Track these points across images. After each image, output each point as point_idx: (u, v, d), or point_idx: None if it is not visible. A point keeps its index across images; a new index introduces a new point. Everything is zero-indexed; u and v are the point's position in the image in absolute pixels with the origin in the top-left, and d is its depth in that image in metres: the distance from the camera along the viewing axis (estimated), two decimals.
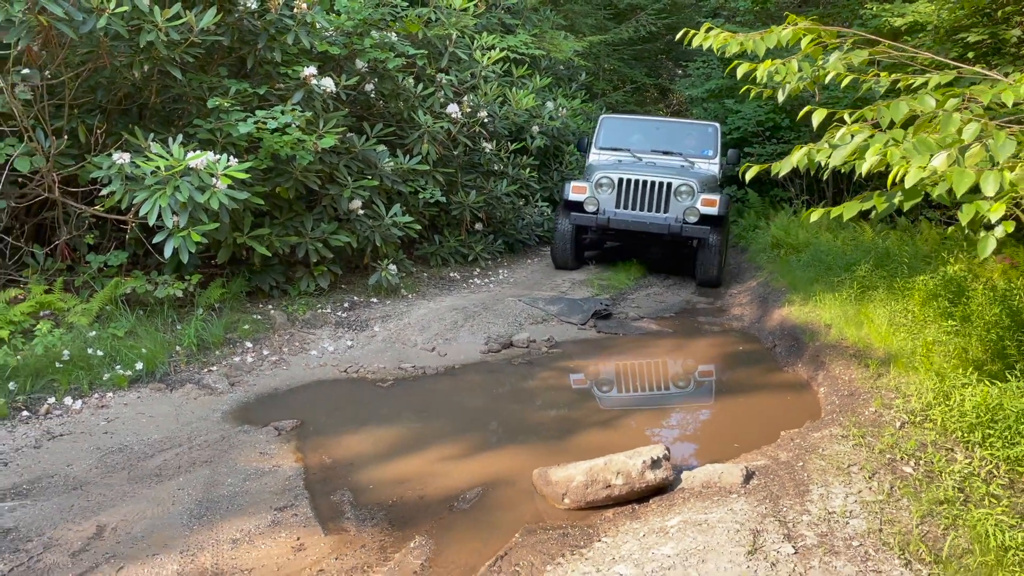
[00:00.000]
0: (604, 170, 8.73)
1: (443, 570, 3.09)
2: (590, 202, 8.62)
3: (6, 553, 3.11)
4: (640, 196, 8.56)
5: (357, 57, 7.13)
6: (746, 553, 2.84)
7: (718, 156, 9.51)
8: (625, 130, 10.00)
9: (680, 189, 8.43)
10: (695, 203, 8.39)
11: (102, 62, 5.36)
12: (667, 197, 8.48)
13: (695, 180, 8.45)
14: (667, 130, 9.95)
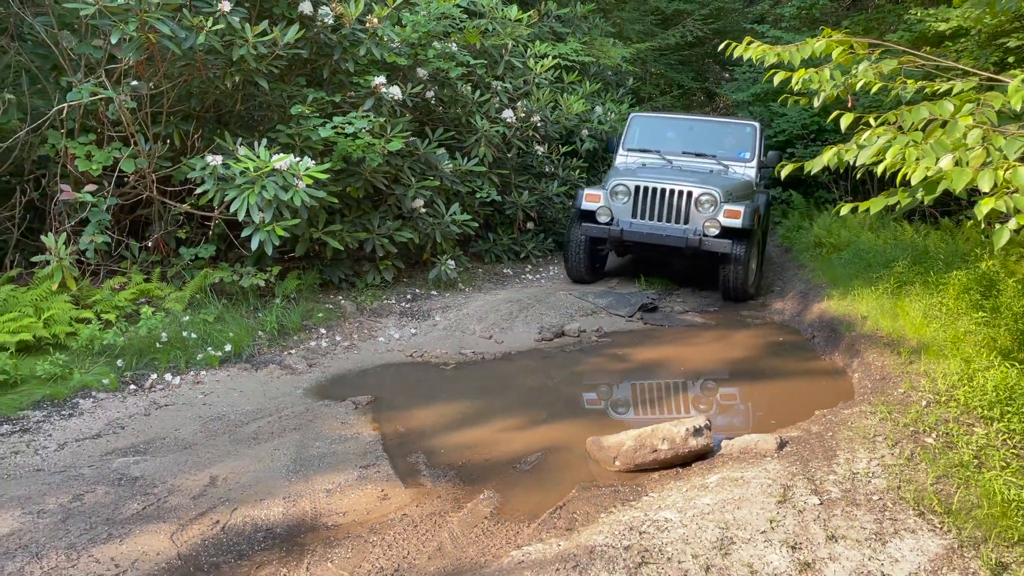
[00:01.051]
0: (620, 177, 8.01)
1: (510, 516, 3.55)
2: (603, 212, 7.89)
3: (138, 496, 3.65)
4: (658, 206, 7.80)
5: (421, 66, 7.66)
6: (776, 502, 3.24)
7: (756, 159, 8.63)
8: (656, 130, 9.22)
9: (701, 199, 7.65)
10: (717, 214, 7.60)
11: (197, 74, 5.97)
12: (687, 207, 7.72)
13: (718, 189, 7.66)
14: (702, 130, 9.06)
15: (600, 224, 7.92)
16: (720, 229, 7.59)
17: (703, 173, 8.28)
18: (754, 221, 7.69)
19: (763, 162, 8.72)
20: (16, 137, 5.73)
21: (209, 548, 3.26)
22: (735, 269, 7.69)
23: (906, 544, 2.94)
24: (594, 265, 8.55)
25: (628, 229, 7.83)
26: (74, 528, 3.33)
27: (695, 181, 7.82)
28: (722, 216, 7.58)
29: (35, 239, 6.02)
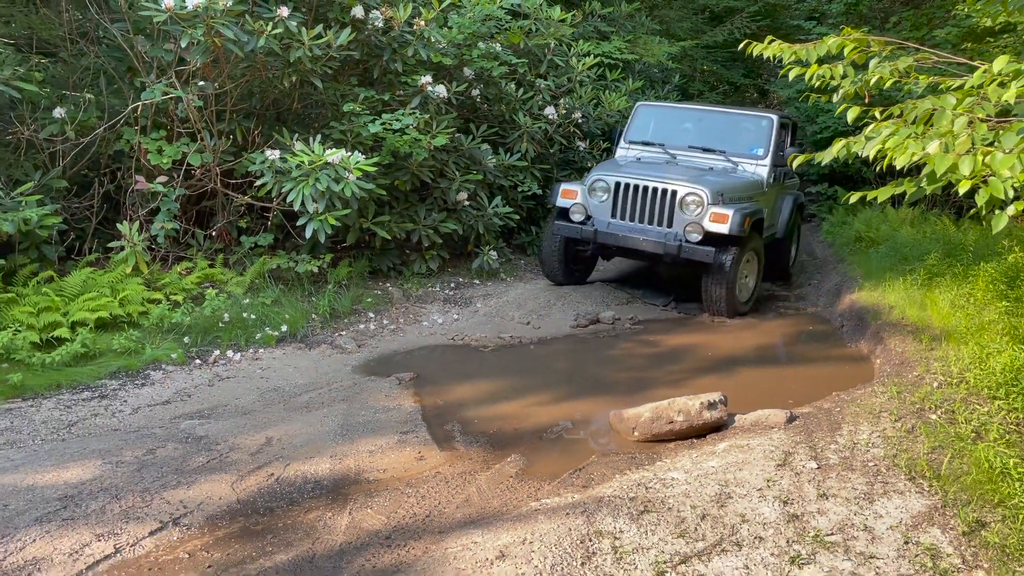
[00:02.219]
0: (601, 171, 7.28)
1: (533, 476, 3.89)
2: (577, 210, 7.13)
3: (202, 451, 4.10)
4: (639, 205, 6.98)
5: (466, 66, 8.04)
6: (776, 466, 3.53)
7: (769, 156, 7.66)
8: (663, 121, 8.35)
9: (686, 199, 6.74)
10: (702, 218, 6.65)
11: (258, 74, 6.45)
12: (671, 208, 6.83)
13: (706, 189, 6.72)
14: (712, 123, 8.16)
15: (573, 223, 7.17)
16: (703, 235, 6.65)
17: (700, 170, 7.36)
18: (746, 226, 6.67)
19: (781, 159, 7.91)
20: (95, 134, 6.27)
21: (264, 495, 3.68)
22: (718, 281, 6.77)
23: (892, 503, 3.19)
24: (571, 267, 7.77)
25: (603, 230, 7.04)
26: (147, 476, 3.78)
27: (684, 179, 6.92)
28: (707, 220, 6.65)
29: (110, 227, 6.56)
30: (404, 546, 3.11)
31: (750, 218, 6.76)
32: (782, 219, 8.42)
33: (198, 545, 3.25)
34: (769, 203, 7.76)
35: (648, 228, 6.98)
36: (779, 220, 8.41)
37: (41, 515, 3.36)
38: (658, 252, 6.87)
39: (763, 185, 7.60)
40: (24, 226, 5.59)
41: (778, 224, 8.40)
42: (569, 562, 2.74)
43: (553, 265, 7.69)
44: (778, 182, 8.05)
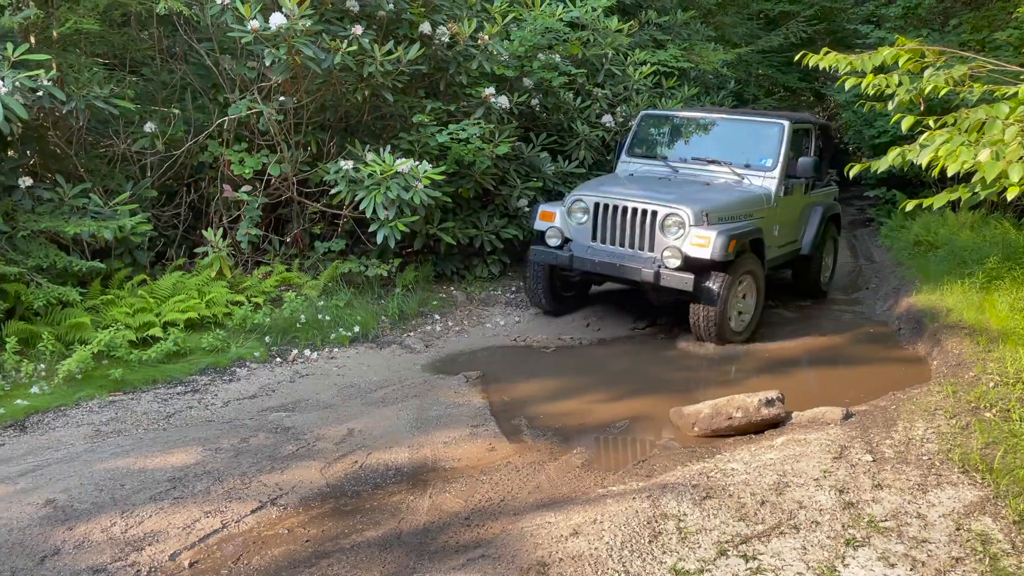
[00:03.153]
0: (582, 190, 6.74)
1: (598, 466, 4.14)
2: (553, 234, 6.59)
3: (291, 441, 4.43)
4: (619, 228, 6.37)
5: (526, 77, 8.32)
6: (832, 458, 3.71)
7: (779, 167, 6.90)
8: (667, 131, 7.82)
9: (667, 220, 6.13)
10: (682, 241, 6.05)
11: (333, 89, 6.83)
12: (651, 230, 6.22)
13: (689, 208, 6.08)
14: (719, 131, 7.53)
15: (549, 248, 6.61)
16: (682, 260, 6.01)
17: (691, 187, 6.75)
18: (731, 250, 5.98)
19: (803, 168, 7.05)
20: (185, 148, 6.72)
21: (351, 480, 3.99)
22: (706, 310, 6.12)
23: (945, 493, 3.35)
24: (558, 294, 7.11)
25: (580, 255, 6.43)
26: (244, 461, 4.13)
27: (667, 198, 6.29)
28: (688, 243, 6.02)
29: (195, 234, 7.00)
30: (482, 525, 3.38)
31: (737, 240, 6.05)
32: (808, 233, 7.74)
33: (295, 523, 3.57)
34: (783, 218, 7.12)
35: (628, 253, 6.34)
36: (804, 234, 7.74)
37: (154, 494, 3.72)
38: (635, 280, 6.25)
39: (769, 200, 6.84)
40: (119, 233, 6.03)
41: (803, 239, 7.73)
42: (637, 540, 2.98)
43: (536, 293, 7.04)
44: (791, 195, 7.20)
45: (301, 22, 5.99)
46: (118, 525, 3.45)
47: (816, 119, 8.01)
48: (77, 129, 6.41)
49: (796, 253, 7.71)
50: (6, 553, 3.20)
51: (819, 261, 8.05)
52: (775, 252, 7.18)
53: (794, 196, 7.31)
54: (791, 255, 7.64)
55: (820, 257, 8.04)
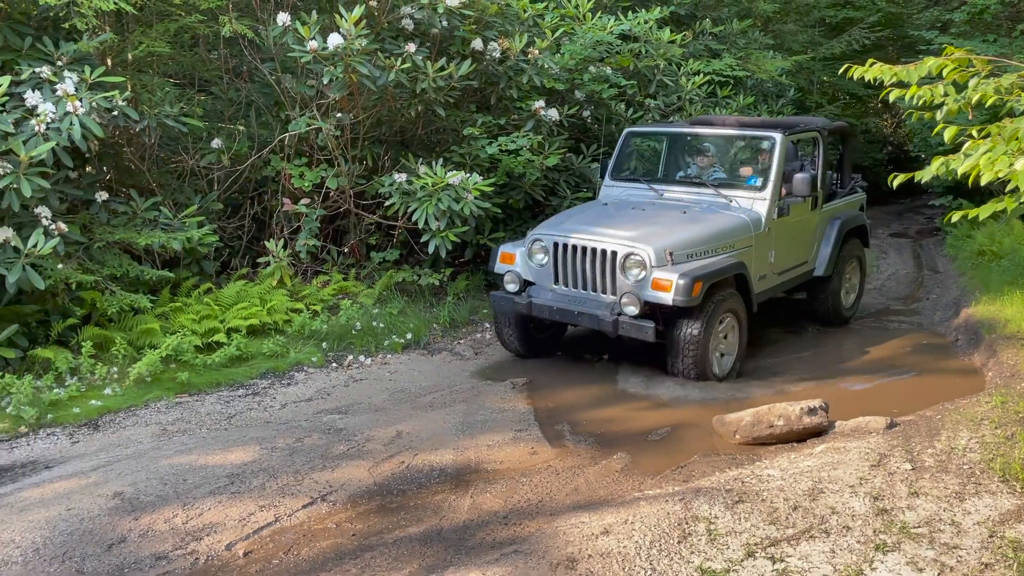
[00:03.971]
0: (543, 228, 6.15)
1: (637, 471, 4.22)
2: (510, 279, 5.96)
3: (343, 441, 4.63)
4: (579, 270, 5.78)
5: (577, 89, 8.45)
6: (870, 466, 3.72)
7: (770, 187, 6.12)
8: (654, 148, 7.30)
9: (627, 262, 5.53)
10: (642, 285, 5.44)
11: (387, 105, 7.08)
12: (612, 272, 5.62)
13: (650, 247, 5.46)
14: (708, 147, 6.87)
15: (508, 294, 5.97)
16: (640, 307, 5.39)
17: (668, 218, 6.03)
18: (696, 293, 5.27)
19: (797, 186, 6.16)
20: (249, 163, 7.06)
21: (397, 479, 4.17)
22: (681, 359, 5.51)
23: (982, 502, 3.35)
24: (530, 336, 6.37)
25: (539, 301, 5.81)
26: (298, 460, 4.34)
27: (630, 235, 5.65)
28: (649, 287, 5.40)
29: (258, 245, 7.32)
30: (519, 524, 3.50)
31: (704, 281, 5.34)
32: (823, 251, 6.91)
33: (343, 518, 3.76)
34: (782, 241, 6.35)
35: (588, 297, 5.76)
36: (818, 253, 6.92)
37: (213, 489, 3.96)
38: (594, 328, 5.69)
39: (759, 225, 6.06)
40: (188, 244, 6.36)
41: (817, 258, 6.91)
42: (666, 540, 3.06)
43: (505, 335, 6.36)
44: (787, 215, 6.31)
45: (357, 41, 6.24)
46: (179, 516, 3.68)
47: (824, 123, 7.13)
48: (149, 146, 6.78)
49: (808, 275, 6.88)
50: (77, 540, 3.46)
51: (838, 283, 7.13)
52: (773, 281, 6.42)
53: (795, 215, 6.43)
54: (801, 278, 6.83)
55: (839, 279, 7.13)
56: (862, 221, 7.50)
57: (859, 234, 7.50)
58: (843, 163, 7.69)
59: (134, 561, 3.35)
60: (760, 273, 6.20)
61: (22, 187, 5.12)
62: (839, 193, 7.40)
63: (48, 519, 3.59)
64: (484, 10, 7.31)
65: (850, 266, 7.36)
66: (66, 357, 5.50)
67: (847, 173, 7.67)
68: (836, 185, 7.51)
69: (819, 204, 6.83)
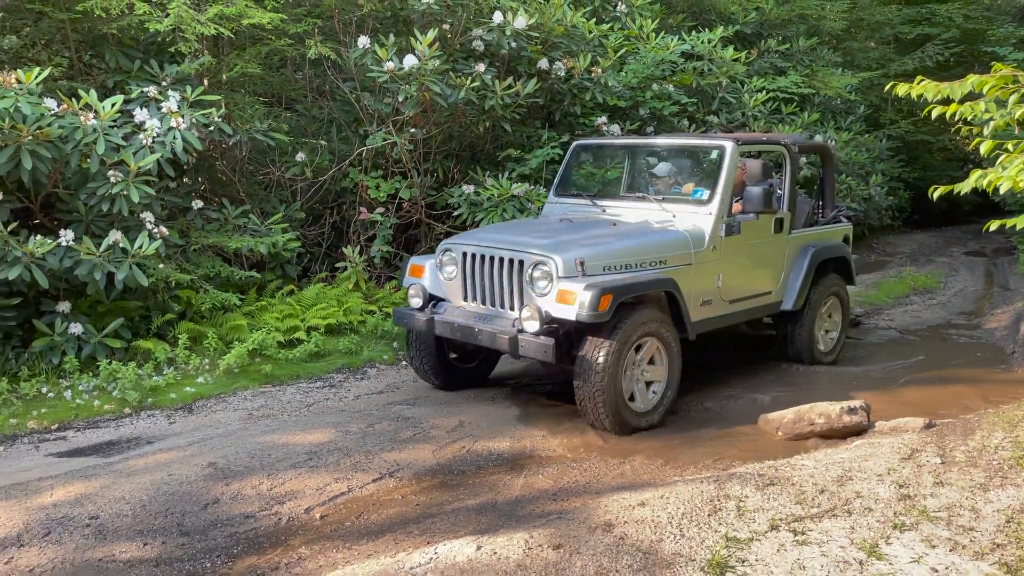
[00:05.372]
0: (456, 239, 5.61)
1: (681, 461, 4.50)
2: (415, 292, 5.48)
3: (410, 428, 5.05)
4: (486, 283, 5.23)
5: (640, 106, 8.78)
6: (900, 458, 3.93)
7: (716, 200, 5.52)
8: (600, 162, 6.87)
9: (535, 272, 4.93)
10: (544, 299, 4.86)
11: (457, 121, 7.55)
12: (520, 284, 5.04)
13: (558, 256, 4.86)
14: (656, 159, 6.41)
15: (410, 310, 5.50)
16: (540, 322, 4.76)
17: (595, 230, 5.50)
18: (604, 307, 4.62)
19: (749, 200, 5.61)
20: (329, 175, 7.62)
21: (457, 461, 4.55)
22: (588, 387, 4.79)
23: (1006, 493, 3.53)
24: (447, 364, 5.86)
25: (439, 318, 5.29)
26: (369, 442, 4.77)
27: (543, 243, 5.06)
28: (553, 300, 4.82)
29: (336, 251, 7.86)
30: (566, 500, 3.84)
31: (615, 294, 4.69)
32: (793, 283, 6.22)
33: (408, 491, 4.16)
34: (734, 264, 5.71)
35: (495, 314, 5.17)
36: (788, 285, 6.23)
37: (294, 463, 4.41)
38: (494, 347, 5.06)
39: (700, 241, 5.44)
40: (273, 249, 6.92)
41: (784, 291, 6.23)
42: (697, 512, 3.36)
43: (419, 363, 5.83)
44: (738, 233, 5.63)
45: (431, 62, 6.72)
46: (264, 484, 4.14)
47: (796, 139, 6.46)
48: (240, 159, 7.40)
49: (772, 308, 6.24)
50: (177, 500, 3.95)
51: (811, 320, 6.40)
52: (723, 308, 5.73)
53: (752, 236, 5.81)
54: (763, 310, 6.19)
55: (813, 315, 6.41)
56: (843, 253, 6.73)
57: (841, 269, 6.77)
58: (825, 188, 7.03)
59: (226, 519, 3.81)
60: (703, 297, 5.52)
61: (131, 194, 5.74)
62: (819, 221, 6.85)
63: (152, 482, 4.09)
64: (551, 31, 7.73)
65: (827, 303, 6.61)
66: (164, 348, 6.08)
67: (830, 199, 7.00)
68: (818, 213, 6.96)
69: (785, 228, 6.12)
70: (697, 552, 3.04)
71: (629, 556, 3.00)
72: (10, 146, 5.30)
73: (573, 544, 3.08)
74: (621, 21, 9.64)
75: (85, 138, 5.60)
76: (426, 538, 3.44)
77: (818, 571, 2.91)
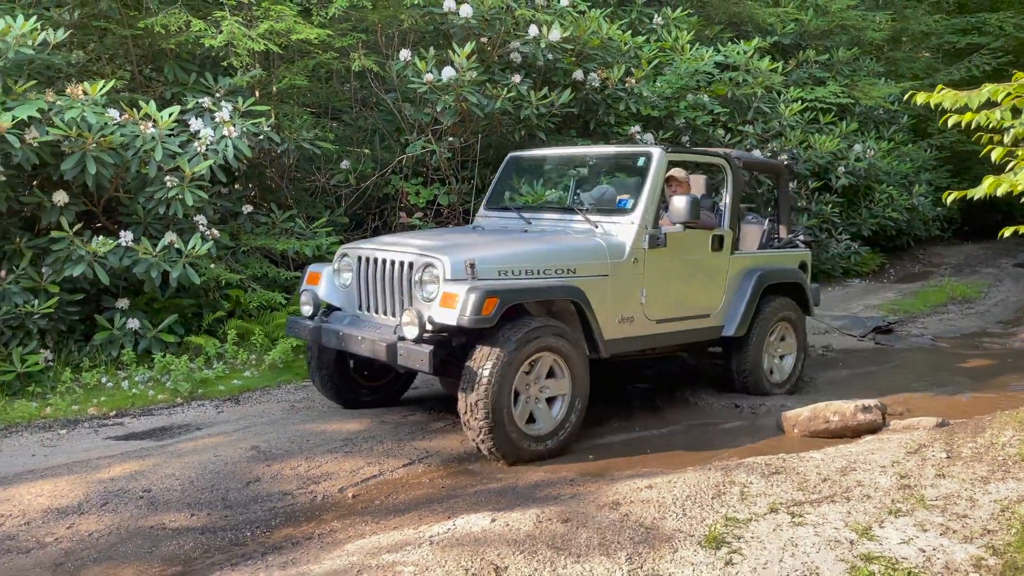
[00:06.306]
0: (355, 243, 5.34)
1: (701, 451, 4.69)
2: (306, 300, 5.19)
3: (441, 420, 5.31)
4: (377, 288, 4.93)
5: (674, 116, 8.98)
6: (906, 452, 4.07)
7: (639, 209, 5.14)
8: (533, 174, 6.58)
9: (424, 275, 4.58)
10: (430, 304, 4.49)
11: (494, 130, 7.85)
12: (409, 288, 4.71)
13: (447, 257, 4.51)
14: (589, 169, 6.19)
15: (301, 319, 5.23)
16: (419, 328, 4.41)
17: (501, 235, 5.32)
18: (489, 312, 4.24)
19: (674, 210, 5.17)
20: (371, 181, 7.98)
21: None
22: (471, 403, 4.35)
23: (1005, 486, 3.65)
24: (347, 378, 5.48)
25: (326, 327, 4.98)
26: (401, 431, 5.05)
27: (435, 245, 4.78)
28: (437, 304, 4.43)
29: None
30: (582, 485, 4.06)
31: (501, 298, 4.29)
32: (736, 308, 5.78)
33: (435, 475, 4.43)
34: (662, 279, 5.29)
35: (375, 321, 4.91)
36: (728, 310, 5.78)
37: (330, 448, 4.71)
38: (374, 357, 4.71)
39: (619, 252, 5.05)
40: (318, 251, 7.28)
41: (726, 315, 5.77)
42: (702, 496, 3.55)
43: (315, 377, 5.48)
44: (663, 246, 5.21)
45: (468, 74, 7.03)
46: (302, 466, 4.45)
47: (740, 155, 6.14)
48: (288, 166, 7.80)
49: (711, 332, 5.76)
50: (222, 477, 4.27)
51: (758, 348, 5.90)
52: (649, 328, 5.28)
53: (684, 252, 5.46)
54: (700, 334, 5.71)
55: (760, 343, 5.91)
56: (795, 279, 6.21)
57: (795, 295, 6.25)
58: (780, 208, 6.62)
59: (266, 495, 4.13)
60: (622, 314, 5.10)
61: (186, 198, 6.14)
62: (774, 244, 6.44)
63: (200, 462, 4.43)
64: (586, 43, 8.00)
65: (776, 330, 6.09)
66: (214, 344, 6.47)
67: (785, 221, 6.57)
68: (775, 237, 6.52)
69: (726, 246, 5.72)
70: (696, 529, 3.24)
71: (631, 530, 3.22)
72: (76, 153, 5.73)
73: (580, 519, 3.31)
74: (657, 33, 9.85)
75: (144, 145, 6.02)
76: (448, 515, 3.69)
77: (809, 548, 3.09)
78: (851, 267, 11.97)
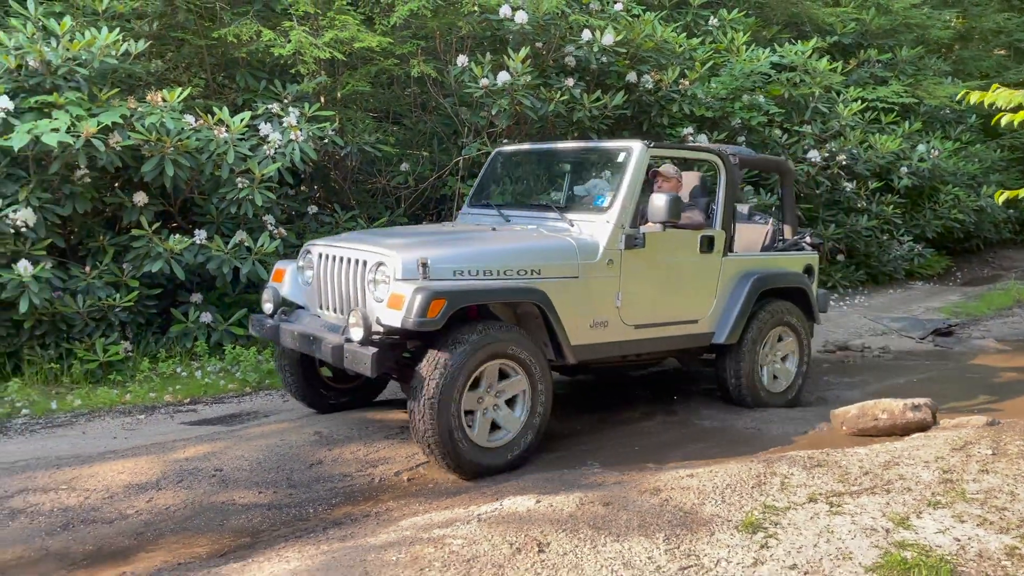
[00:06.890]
0: (319, 240, 5.11)
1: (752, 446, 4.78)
2: (267, 297, 5.05)
3: None
4: (338, 286, 4.71)
5: (729, 117, 9.02)
6: (951, 449, 4.10)
7: (616, 207, 4.84)
8: (515, 171, 6.19)
9: (378, 274, 4.38)
10: (380, 304, 4.30)
11: (547, 132, 8.02)
12: (363, 288, 4.49)
13: (399, 256, 4.30)
14: (572, 165, 5.84)
15: (263, 316, 5.11)
16: (365, 329, 4.21)
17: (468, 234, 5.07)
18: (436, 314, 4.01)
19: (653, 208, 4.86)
20: (429, 183, 8.24)
21: None
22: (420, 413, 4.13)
23: None
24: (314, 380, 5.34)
25: (284, 326, 4.84)
26: None
27: (392, 243, 4.57)
28: (385, 304, 4.24)
29: None
30: (628, 474, 4.21)
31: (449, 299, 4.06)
32: (727, 315, 5.47)
33: None
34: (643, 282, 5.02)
35: (333, 321, 4.74)
36: (720, 315, 5.48)
37: (388, 435, 4.95)
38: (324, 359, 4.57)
39: (591, 252, 4.77)
40: None
41: (717, 321, 5.47)
42: (742, 485, 3.66)
43: (286, 379, 5.34)
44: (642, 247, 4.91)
45: (523, 78, 7.23)
46: (362, 451, 4.70)
47: (737, 151, 5.87)
48: (351, 168, 8.11)
49: (700, 339, 5.47)
50: (287, 459, 4.54)
51: (752, 356, 5.58)
52: (627, 334, 5.01)
53: (667, 253, 5.15)
54: (686, 341, 5.42)
55: (754, 350, 5.59)
56: (798, 283, 5.88)
57: (798, 301, 5.91)
58: (784, 209, 6.30)
59: (327, 476, 4.38)
60: (595, 318, 4.82)
61: (255, 198, 6.48)
62: (776, 246, 6.10)
63: (267, 445, 4.71)
64: (639, 46, 8.11)
65: (772, 337, 5.76)
66: None
67: (790, 221, 6.24)
68: (780, 237, 6.17)
69: (717, 248, 5.40)
70: (734, 515, 3.36)
71: (670, 514, 3.35)
72: (156, 156, 6.11)
73: (622, 502, 3.46)
74: (713, 35, 9.90)
75: (217, 149, 6.37)
76: (496, 497, 3.88)
77: (844, 535, 3.18)
78: (915, 269, 11.78)
